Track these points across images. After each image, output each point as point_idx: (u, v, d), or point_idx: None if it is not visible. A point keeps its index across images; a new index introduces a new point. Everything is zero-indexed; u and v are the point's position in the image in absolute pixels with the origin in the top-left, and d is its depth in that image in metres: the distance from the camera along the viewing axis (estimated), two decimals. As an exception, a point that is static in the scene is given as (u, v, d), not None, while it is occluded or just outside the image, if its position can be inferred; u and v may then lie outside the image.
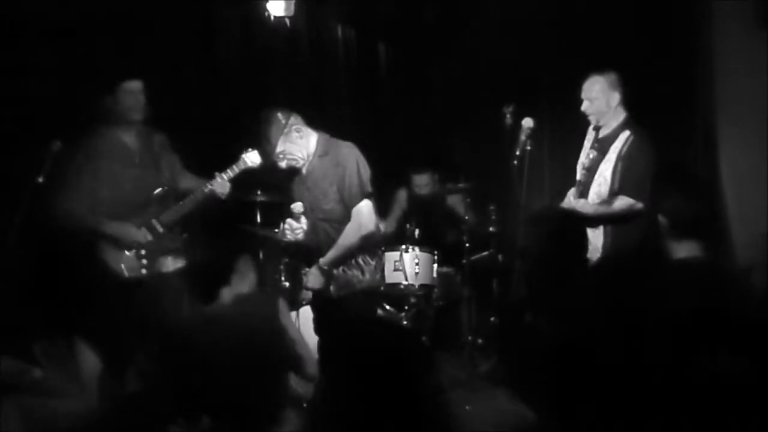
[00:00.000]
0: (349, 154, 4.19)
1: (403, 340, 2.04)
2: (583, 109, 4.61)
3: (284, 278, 5.30)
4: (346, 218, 4.16)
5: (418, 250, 5.38)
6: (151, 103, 4.57)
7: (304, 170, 4.28)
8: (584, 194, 4.61)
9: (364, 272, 4.21)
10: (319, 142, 4.26)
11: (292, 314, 4.75)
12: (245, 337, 3.38)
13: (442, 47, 6.34)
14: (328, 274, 4.16)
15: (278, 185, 4.81)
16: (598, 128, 4.66)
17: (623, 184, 4.47)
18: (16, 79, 4.88)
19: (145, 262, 4.43)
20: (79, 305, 4.39)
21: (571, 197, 4.65)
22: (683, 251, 3.63)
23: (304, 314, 4.52)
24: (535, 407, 2.01)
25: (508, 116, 4.96)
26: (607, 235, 4.53)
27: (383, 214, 6.20)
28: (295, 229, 4.32)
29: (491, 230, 5.71)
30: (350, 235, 4.14)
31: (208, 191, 4.57)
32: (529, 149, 4.72)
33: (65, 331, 4.45)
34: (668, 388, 1.84)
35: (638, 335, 2.32)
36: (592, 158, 4.64)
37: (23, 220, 4.21)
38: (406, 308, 5.50)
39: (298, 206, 4.29)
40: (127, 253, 4.43)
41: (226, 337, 3.37)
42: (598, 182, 4.57)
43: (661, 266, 3.71)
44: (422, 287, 5.37)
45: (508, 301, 5.28)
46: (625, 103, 4.58)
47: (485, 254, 5.82)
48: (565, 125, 5.03)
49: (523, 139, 4.73)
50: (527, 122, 4.75)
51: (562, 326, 2.34)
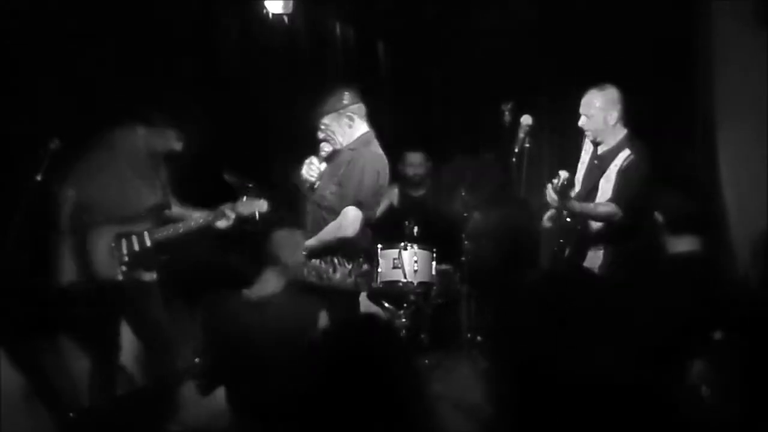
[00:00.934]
0: (364, 160, 4.32)
1: (376, 330, 2.05)
2: (580, 124, 4.59)
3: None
4: (336, 210, 4.31)
5: (416, 247, 5.38)
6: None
7: (336, 154, 4.44)
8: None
9: (335, 271, 4.31)
10: (360, 138, 4.38)
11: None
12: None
13: (440, 45, 6.34)
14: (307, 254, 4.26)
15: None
16: (597, 143, 4.65)
17: (615, 195, 4.49)
18: (16, 77, 4.90)
19: (124, 269, 4.36)
20: (61, 304, 4.42)
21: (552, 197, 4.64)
22: (680, 246, 3.64)
23: None
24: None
25: (506, 113, 4.96)
26: (606, 252, 4.55)
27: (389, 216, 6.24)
28: (313, 168, 4.46)
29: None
30: (329, 231, 4.30)
31: (205, 222, 4.49)
32: (527, 146, 4.72)
33: (53, 329, 4.47)
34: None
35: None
36: (593, 174, 4.65)
37: (22, 218, 4.22)
38: (404, 306, 5.50)
39: (325, 148, 4.43)
40: (109, 255, 4.38)
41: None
42: (598, 197, 4.57)
43: (657, 268, 3.73)
44: (421, 285, 5.36)
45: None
46: (624, 119, 4.55)
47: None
48: (564, 122, 5.03)
49: (521, 136, 4.73)
50: (526, 119, 4.75)
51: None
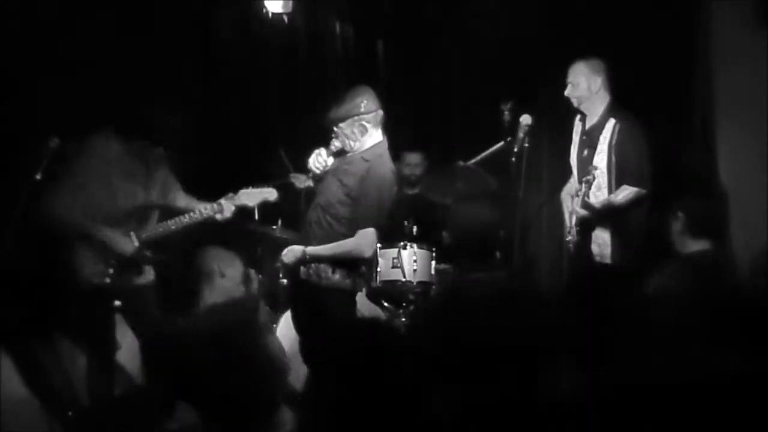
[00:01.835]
0: (380, 180, 4.26)
1: (379, 333, 2.04)
2: (566, 93, 4.67)
3: (282, 275, 5.28)
4: (347, 221, 4.25)
5: (416, 247, 5.37)
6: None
7: (347, 159, 4.36)
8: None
9: (335, 271, 4.27)
10: (373, 147, 4.32)
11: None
12: (223, 342, 3.40)
13: (440, 44, 6.33)
14: (304, 260, 4.24)
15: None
16: (583, 118, 4.70)
17: (622, 174, 4.50)
18: (15, 76, 4.90)
19: (111, 271, 4.31)
20: (53, 305, 4.41)
21: (576, 207, 4.64)
22: (695, 246, 3.64)
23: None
24: None
25: (506, 113, 4.97)
26: (614, 236, 4.56)
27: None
28: (321, 160, 4.39)
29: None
30: (346, 247, 4.24)
31: (204, 216, 4.47)
32: (527, 146, 4.73)
33: (51, 329, 4.46)
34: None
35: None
36: (585, 154, 4.67)
37: (21, 217, 4.22)
38: (404, 305, 5.50)
39: (336, 143, 4.35)
40: (94, 260, 4.37)
41: (204, 344, 3.39)
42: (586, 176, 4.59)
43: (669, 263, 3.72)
44: (420, 284, 5.36)
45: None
46: (609, 88, 4.64)
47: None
48: (563, 122, 5.03)
49: (521, 135, 4.73)
50: (525, 119, 4.76)
51: None
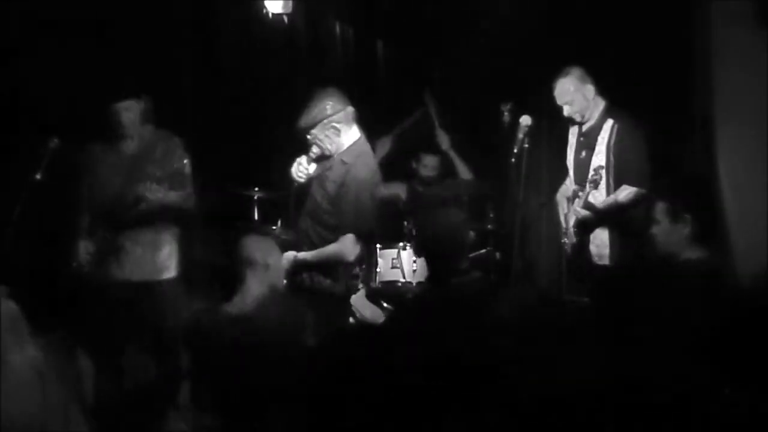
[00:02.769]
0: (357, 185, 4.25)
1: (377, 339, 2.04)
2: (565, 114, 4.67)
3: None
4: (333, 228, 4.28)
5: (416, 247, 5.36)
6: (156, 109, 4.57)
7: (328, 163, 4.36)
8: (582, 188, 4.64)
9: (327, 275, 4.31)
10: (350, 148, 4.31)
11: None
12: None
13: (440, 45, 6.33)
14: (295, 265, 4.27)
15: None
16: (582, 123, 4.70)
17: (622, 174, 4.50)
18: (15, 75, 4.89)
19: (89, 261, 4.40)
20: (59, 304, 4.42)
21: (576, 207, 4.65)
22: (694, 253, 3.62)
23: None
24: None
25: (506, 114, 4.97)
26: (613, 237, 4.56)
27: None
28: (302, 169, 4.40)
29: (489, 228, 5.73)
30: (328, 252, 4.28)
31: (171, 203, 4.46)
32: (527, 147, 4.72)
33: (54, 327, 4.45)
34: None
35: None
36: (583, 156, 4.68)
37: (21, 217, 4.22)
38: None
39: (314, 150, 4.35)
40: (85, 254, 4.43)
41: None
42: (590, 175, 4.59)
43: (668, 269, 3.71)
44: (420, 285, 5.35)
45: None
46: (600, 91, 4.65)
47: (482, 252, 5.81)
48: (562, 123, 5.02)
49: (520, 137, 4.73)
50: (525, 120, 4.75)
51: None
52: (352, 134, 4.35)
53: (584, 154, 4.71)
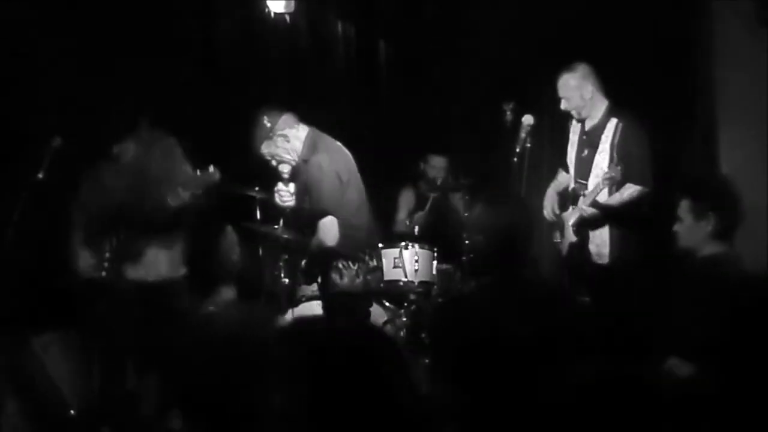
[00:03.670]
0: (315, 170, 4.40)
1: (372, 339, 2.03)
2: (562, 107, 4.70)
3: (283, 275, 5.28)
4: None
5: (417, 247, 5.36)
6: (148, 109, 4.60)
7: (299, 172, 4.53)
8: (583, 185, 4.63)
9: (342, 276, 4.35)
10: (305, 145, 4.40)
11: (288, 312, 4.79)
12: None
13: (442, 44, 6.33)
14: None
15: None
16: (582, 120, 4.71)
17: (626, 172, 4.48)
18: (18, 74, 4.90)
19: (106, 264, 4.39)
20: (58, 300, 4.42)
21: (582, 205, 4.64)
22: (713, 248, 3.62)
23: (300, 312, 4.55)
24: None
25: (508, 113, 4.96)
26: (613, 236, 4.56)
27: (390, 214, 6.25)
28: (282, 193, 4.55)
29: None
30: (313, 245, 4.47)
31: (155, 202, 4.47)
32: (529, 146, 4.73)
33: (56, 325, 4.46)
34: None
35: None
36: (585, 154, 4.67)
37: (22, 216, 4.22)
38: (405, 305, 5.49)
39: (284, 168, 4.50)
40: (90, 254, 4.44)
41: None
42: (595, 174, 4.60)
43: (667, 267, 3.70)
44: (422, 284, 5.35)
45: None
46: (604, 90, 4.66)
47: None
48: (565, 122, 5.02)
49: (523, 136, 4.73)
50: (527, 119, 4.76)
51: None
52: (300, 134, 4.51)
53: (587, 152, 4.72)
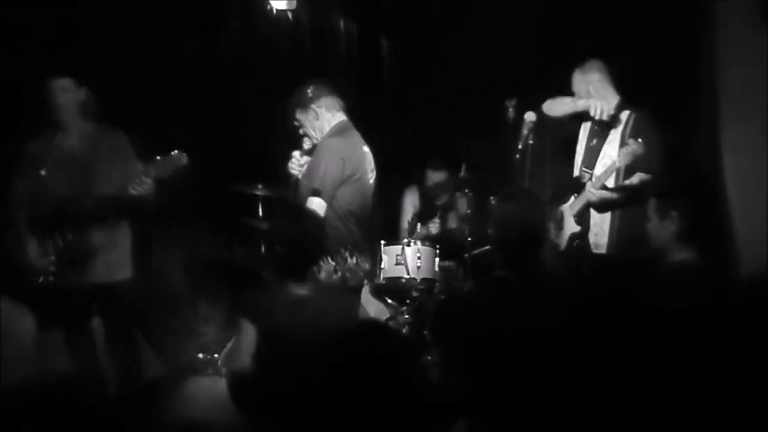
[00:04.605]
0: (326, 149, 4.38)
1: (387, 337, 2.03)
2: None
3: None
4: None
5: (420, 244, 5.37)
6: (104, 99, 4.42)
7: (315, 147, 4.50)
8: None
9: (320, 270, 4.27)
10: (332, 129, 4.43)
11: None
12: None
13: (444, 41, 6.33)
14: None
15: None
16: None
17: (635, 162, 4.46)
18: (20, 72, 4.90)
19: (53, 269, 4.23)
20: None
21: (590, 189, 4.62)
22: (682, 254, 3.63)
23: None
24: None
25: (510, 110, 4.96)
26: (613, 226, 4.55)
27: (395, 214, 6.26)
28: (294, 161, 4.53)
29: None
30: None
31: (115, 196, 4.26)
32: (531, 143, 4.73)
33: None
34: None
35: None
36: (594, 143, 4.67)
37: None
38: (407, 302, 5.49)
39: (305, 141, 4.50)
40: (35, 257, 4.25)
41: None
42: (602, 162, 4.59)
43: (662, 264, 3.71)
44: (424, 281, 5.35)
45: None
46: (614, 83, 4.67)
47: (487, 248, 5.80)
48: (567, 119, 5.02)
49: (525, 133, 4.73)
50: (529, 116, 4.76)
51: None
52: (333, 120, 4.49)
53: (595, 141, 4.73)
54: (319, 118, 4.46)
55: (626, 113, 4.63)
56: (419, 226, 6.04)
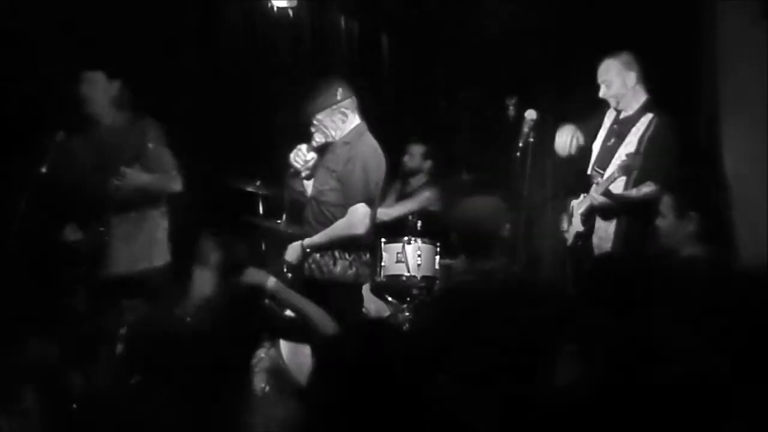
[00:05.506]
0: (364, 156, 4.27)
1: (396, 339, 2.02)
2: (601, 95, 4.64)
3: (287, 269, 5.28)
4: (341, 207, 4.26)
5: (420, 241, 5.38)
6: (138, 93, 4.52)
7: (330, 149, 4.39)
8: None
9: (335, 263, 4.27)
10: (352, 131, 4.34)
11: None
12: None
13: (445, 39, 6.33)
14: (305, 253, 4.26)
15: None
16: (619, 111, 4.67)
17: (648, 169, 4.43)
18: (21, 69, 4.91)
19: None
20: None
21: (593, 193, 4.61)
22: (695, 249, 3.59)
23: None
24: None
25: (511, 108, 4.96)
26: (618, 234, 4.54)
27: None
28: (300, 155, 4.41)
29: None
30: (339, 229, 4.24)
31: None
32: (531, 141, 4.72)
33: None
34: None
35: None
36: (611, 143, 4.64)
37: (25, 211, 4.23)
38: (407, 300, 5.50)
39: (319, 137, 4.38)
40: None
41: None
42: (616, 164, 4.54)
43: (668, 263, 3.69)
44: (424, 279, 5.36)
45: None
46: (644, 83, 4.60)
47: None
48: (568, 117, 5.02)
49: (525, 131, 4.72)
50: (530, 114, 4.75)
51: None
52: (354, 121, 4.38)
53: (613, 141, 4.66)
54: (345, 120, 4.32)
55: (648, 116, 4.55)
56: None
